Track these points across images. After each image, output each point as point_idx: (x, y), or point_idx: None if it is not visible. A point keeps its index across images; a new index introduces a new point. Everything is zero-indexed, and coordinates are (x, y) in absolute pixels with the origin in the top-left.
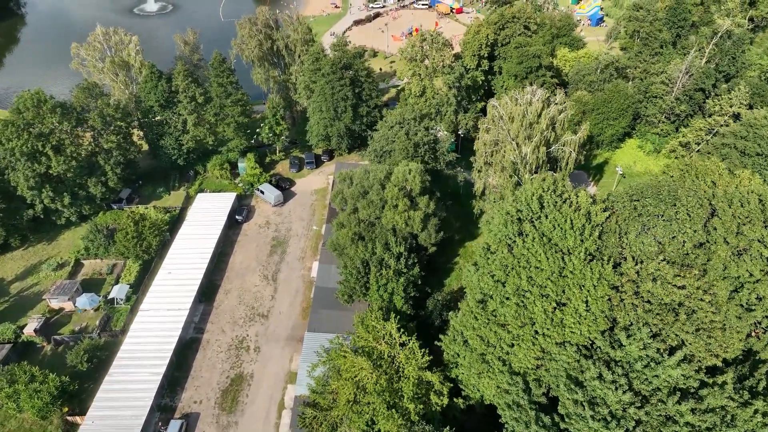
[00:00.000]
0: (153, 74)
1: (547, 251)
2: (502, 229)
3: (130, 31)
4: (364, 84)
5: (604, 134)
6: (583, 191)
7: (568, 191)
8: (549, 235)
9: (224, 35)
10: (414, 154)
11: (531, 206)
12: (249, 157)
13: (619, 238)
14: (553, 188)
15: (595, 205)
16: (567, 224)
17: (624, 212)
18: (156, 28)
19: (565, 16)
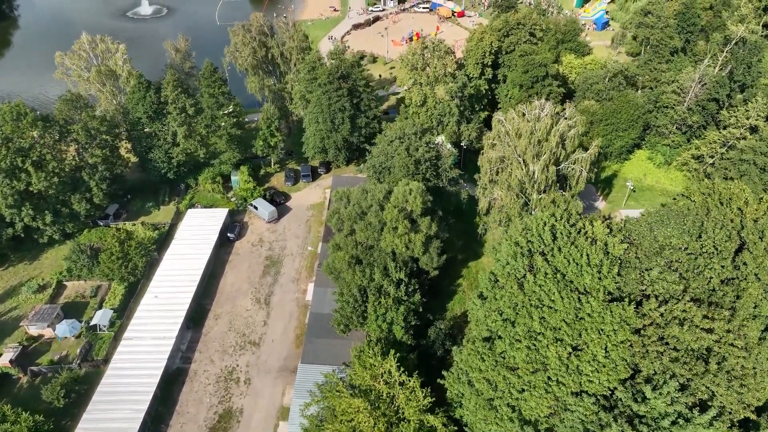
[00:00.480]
0: (141, 84)
1: (561, 290)
2: (510, 262)
3: (124, 34)
4: (362, 94)
5: (613, 146)
6: (598, 221)
7: (583, 220)
8: (563, 270)
9: (220, 40)
10: (415, 171)
11: (543, 238)
12: (242, 170)
13: (640, 274)
14: (566, 217)
15: (613, 236)
16: (583, 259)
17: (644, 242)
18: (150, 33)
19: (571, 21)
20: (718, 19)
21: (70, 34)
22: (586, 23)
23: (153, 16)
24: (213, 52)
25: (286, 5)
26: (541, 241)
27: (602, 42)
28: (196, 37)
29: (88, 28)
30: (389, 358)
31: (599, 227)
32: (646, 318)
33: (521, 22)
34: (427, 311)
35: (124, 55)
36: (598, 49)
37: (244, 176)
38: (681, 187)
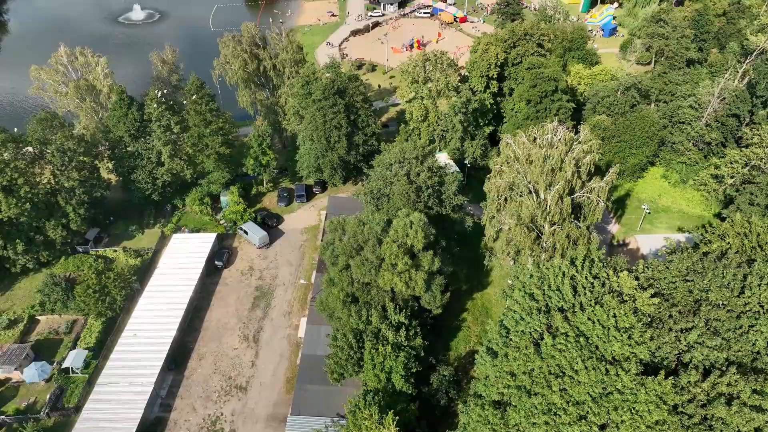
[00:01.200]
0: (122, 101)
1: (585, 358)
2: (525, 317)
3: (115, 40)
4: (359, 110)
5: (626, 164)
6: (624, 273)
7: (607, 269)
8: (587, 333)
9: (214, 46)
10: (415, 199)
11: (562, 291)
12: (232, 190)
13: (675, 336)
14: (587, 266)
15: (642, 290)
16: (610, 321)
17: (676, 295)
18: (141, 39)
19: (578, 28)
20: (731, 26)
21: (60, 39)
22: (593, 29)
23: (145, 22)
24: (206, 61)
25: (283, 10)
26: (560, 296)
27: (610, 49)
28: (189, 43)
29: (79, 33)
30: (387, 419)
31: (626, 280)
32: (685, 392)
33: (528, 32)
34: (430, 353)
35: (105, 68)
36: (606, 57)
37: (234, 197)
38: (699, 209)
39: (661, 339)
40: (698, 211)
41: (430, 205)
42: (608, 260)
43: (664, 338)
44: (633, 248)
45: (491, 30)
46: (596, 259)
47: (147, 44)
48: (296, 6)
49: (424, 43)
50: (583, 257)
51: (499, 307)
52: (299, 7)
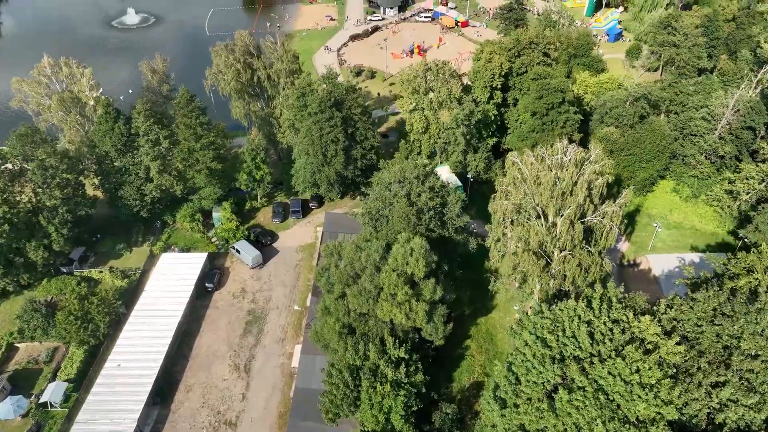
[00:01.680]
0: (108, 114)
1: (607, 419)
2: (537, 366)
3: (107, 45)
4: (358, 123)
5: (635, 178)
6: (646, 319)
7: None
8: (607, 388)
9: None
10: (416, 222)
11: (578, 339)
12: (225, 206)
13: (707, 393)
14: (605, 310)
15: (667, 336)
16: (634, 377)
17: (704, 342)
18: (135, 44)
19: (584, 34)
20: (741, 31)
21: (51, 44)
22: (597, 34)
23: (139, 26)
24: (200, 67)
25: (281, 14)
26: (576, 344)
27: (616, 55)
28: (184, 49)
29: (71, 39)
30: None
31: (648, 325)
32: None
33: (534, 40)
34: (431, 387)
35: (90, 80)
36: (612, 63)
37: (227, 213)
38: (712, 225)
39: (689, 395)
40: (711, 227)
41: (431, 227)
42: (626, 297)
43: (693, 394)
44: (644, 269)
45: (494, 35)
46: (614, 299)
47: (143, 48)
48: (294, 10)
49: (425, 49)
50: (599, 297)
51: (505, 332)
52: (297, 10)
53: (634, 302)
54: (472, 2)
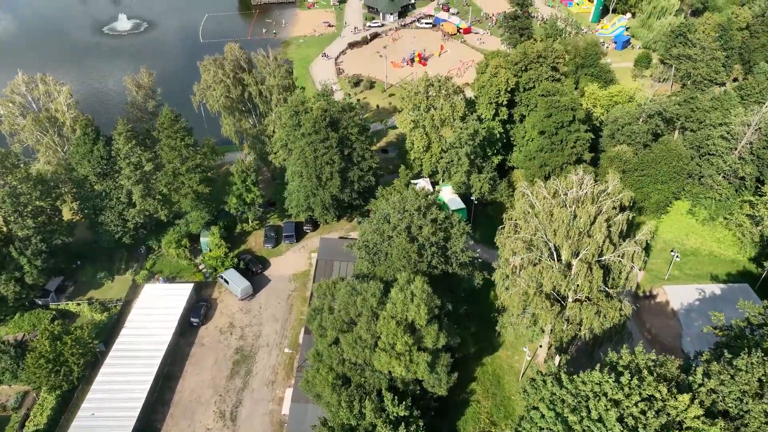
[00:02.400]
0: (87, 135)
1: None
2: None
3: (99, 53)
4: (355, 143)
5: (649, 200)
6: (685, 398)
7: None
8: None
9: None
10: (418, 259)
11: (606, 425)
12: (213, 230)
13: None
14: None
15: (710, 422)
16: None
17: (751, 423)
18: (126, 51)
19: (592, 43)
20: (755, 40)
21: (36, 53)
22: (604, 41)
23: (131, 32)
24: (192, 77)
25: (277, 20)
26: (603, 430)
27: (625, 64)
28: (175, 57)
29: (58, 46)
30: None
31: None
32: None
33: (542, 54)
34: None
35: (68, 98)
36: (620, 72)
37: (215, 239)
38: (732, 251)
39: None
40: (731, 254)
41: (433, 264)
42: (656, 362)
43: None
44: (661, 301)
45: (497, 42)
46: (645, 370)
47: (133, 56)
48: (291, 15)
49: (426, 57)
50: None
51: (513, 374)
52: (294, 16)
53: (666, 369)
54: (474, 8)
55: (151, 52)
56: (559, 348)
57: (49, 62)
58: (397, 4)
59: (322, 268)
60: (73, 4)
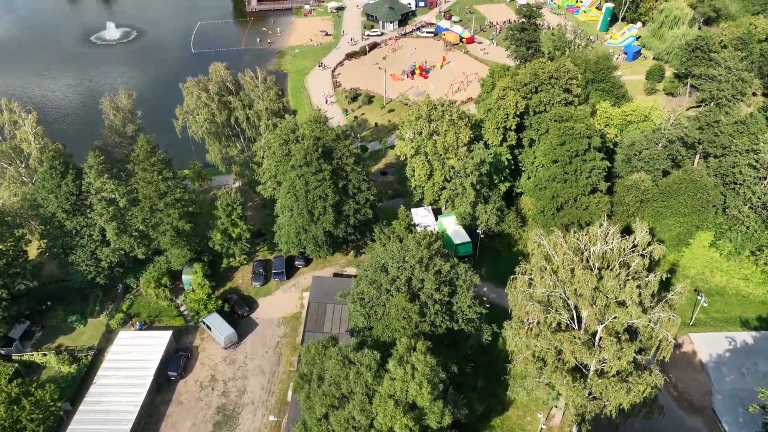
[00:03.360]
0: (54, 169)
1: None
2: None
3: (86, 63)
4: (350, 174)
5: (670, 232)
6: None
7: None
8: None
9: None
10: (419, 320)
11: None
12: (196, 268)
13: None
14: None
15: None
16: None
17: None
18: (114, 61)
19: (603, 57)
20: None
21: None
22: (614, 52)
23: (120, 41)
24: (181, 94)
25: (273, 28)
26: None
27: (636, 77)
28: (165, 69)
29: (41, 56)
30: None
31: None
32: None
33: (554, 75)
34: None
35: (35, 127)
36: (631, 85)
37: (198, 278)
38: (761, 291)
39: None
40: (761, 294)
41: (437, 323)
42: None
43: None
44: (688, 351)
45: (502, 53)
46: None
47: (121, 65)
48: (287, 23)
49: (427, 69)
50: None
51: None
52: (290, 24)
53: None
54: (477, 16)
55: (139, 64)
56: (578, 417)
57: (28, 75)
58: (397, 12)
59: (314, 312)
60: (62, 9)
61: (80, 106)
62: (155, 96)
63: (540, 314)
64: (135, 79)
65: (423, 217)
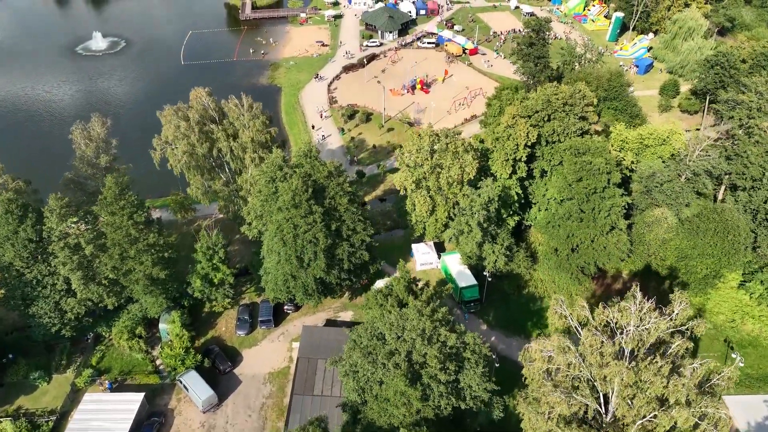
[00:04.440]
0: (11, 214)
1: None
2: None
3: (67, 77)
4: (344, 215)
5: (695, 274)
6: None
7: None
8: None
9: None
10: (422, 404)
11: None
12: (174, 316)
13: None
14: None
15: None
16: None
17: None
18: (98, 73)
19: (616, 74)
20: None
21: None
22: (624, 64)
23: (107, 52)
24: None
25: (267, 39)
26: None
27: (649, 92)
28: (152, 83)
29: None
30: None
31: None
32: None
33: (568, 101)
34: None
35: None
36: (644, 101)
37: (176, 328)
38: None
39: None
40: None
41: (442, 406)
42: None
43: None
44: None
45: (507, 65)
46: None
47: (106, 78)
48: (282, 33)
49: (429, 83)
50: None
51: None
52: (285, 33)
53: None
54: (481, 25)
55: (124, 77)
56: None
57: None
58: (397, 21)
59: (304, 369)
60: (50, 16)
61: (56, 125)
62: (139, 113)
63: (564, 407)
64: (119, 95)
65: (424, 254)
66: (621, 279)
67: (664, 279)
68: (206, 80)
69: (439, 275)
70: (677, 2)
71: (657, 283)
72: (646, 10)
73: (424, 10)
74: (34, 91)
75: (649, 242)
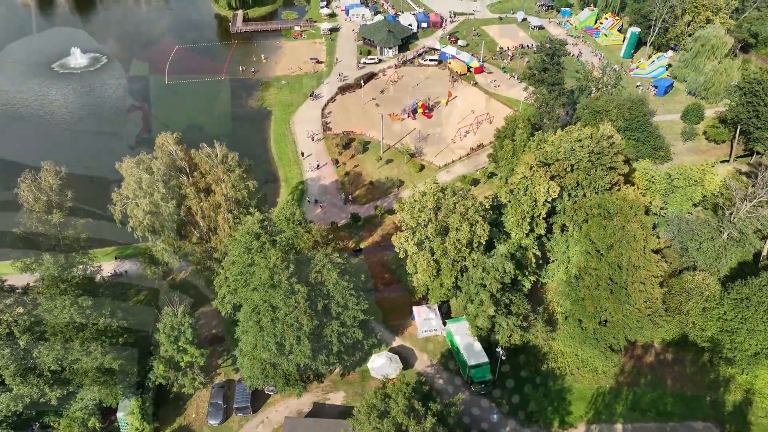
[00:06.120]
0: None
1: None
2: None
3: (35, 99)
4: (333, 291)
5: (745, 351)
6: None
7: None
8: None
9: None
10: None
11: None
12: (133, 406)
13: None
14: None
15: None
16: None
17: None
18: (73, 97)
19: (638, 102)
20: None
21: None
22: (641, 84)
23: (86, 69)
24: (150, 141)
25: (258, 54)
26: None
27: (670, 116)
28: (132, 104)
29: None
30: None
31: None
32: None
33: (595, 149)
34: None
35: None
36: (665, 127)
37: (136, 420)
38: None
39: None
40: None
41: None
42: None
43: None
44: None
45: (516, 84)
46: None
47: (80, 99)
48: (274, 48)
49: (431, 107)
50: None
51: None
52: (278, 49)
53: None
54: (486, 40)
55: (99, 99)
56: None
57: None
58: (398, 36)
59: None
60: (24, 29)
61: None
62: (114, 136)
63: None
64: (92, 119)
65: (427, 319)
66: (653, 350)
67: (703, 351)
68: (189, 102)
69: (444, 344)
70: (698, 17)
71: (695, 355)
72: (664, 26)
73: (426, 23)
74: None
75: (687, 312)
